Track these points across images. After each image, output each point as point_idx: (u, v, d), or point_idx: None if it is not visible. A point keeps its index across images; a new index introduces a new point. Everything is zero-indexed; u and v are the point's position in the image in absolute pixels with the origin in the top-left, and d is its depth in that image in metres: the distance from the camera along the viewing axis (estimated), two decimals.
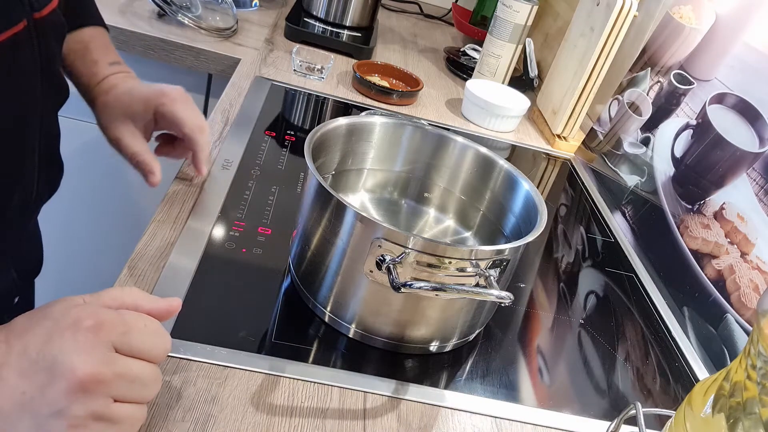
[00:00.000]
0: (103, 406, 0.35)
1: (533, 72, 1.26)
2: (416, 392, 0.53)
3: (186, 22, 1.10)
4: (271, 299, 0.58)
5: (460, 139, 0.68)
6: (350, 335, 0.56)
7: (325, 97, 1.03)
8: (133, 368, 0.36)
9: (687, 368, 0.66)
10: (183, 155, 0.70)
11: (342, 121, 0.63)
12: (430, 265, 0.50)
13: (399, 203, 0.71)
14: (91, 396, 0.34)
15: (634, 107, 0.96)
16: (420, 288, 0.47)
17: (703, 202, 0.76)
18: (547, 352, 0.63)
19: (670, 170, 0.83)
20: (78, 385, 0.34)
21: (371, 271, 0.51)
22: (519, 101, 1.11)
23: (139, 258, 0.58)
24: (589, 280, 0.76)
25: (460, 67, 1.30)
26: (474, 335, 0.61)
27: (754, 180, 0.69)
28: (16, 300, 0.68)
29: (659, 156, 0.87)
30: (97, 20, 0.71)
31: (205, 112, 1.20)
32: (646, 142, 0.91)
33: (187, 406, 0.46)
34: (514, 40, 1.16)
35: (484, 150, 0.67)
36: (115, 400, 0.36)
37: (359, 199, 0.69)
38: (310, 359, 0.53)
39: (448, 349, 0.58)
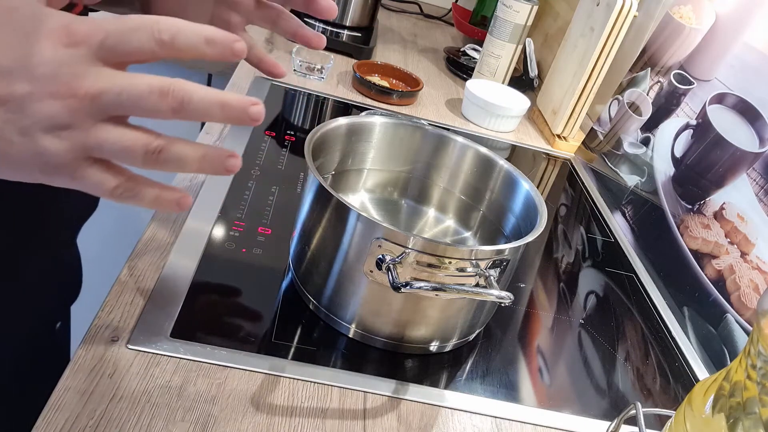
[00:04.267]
0: None
1: (533, 72, 1.26)
2: (416, 392, 0.53)
3: None
4: (271, 299, 0.58)
5: (460, 139, 0.68)
6: (350, 335, 0.56)
7: (325, 97, 1.03)
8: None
9: (687, 368, 0.66)
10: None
11: (342, 121, 0.63)
12: (430, 265, 0.50)
13: (399, 203, 0.71)
14: None
15: (634, 107, 0.96)
16: (420, 288, 0.47)
17: (703, 202, 0.76)
18: (547, 352, 0.63)
19: (670, 170, 0.83)
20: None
21: (371, 271, 0.51)
22: (519, 101, 1.11)
23: (139, 258, 0.58)
24: (589, 280, 0.76)
25: (460, 67, 1.30)
26: (474, 335, 0.61)
27: (754, 180, 0.69)
28: (58, 325, 0.67)
29: (659, 156, 0.87)
30: None
31: None
32: (646, 142, 0.91)
33: (187, 406, 0.46)
34: (514, 40, 1.16)
35: (484, 150, 0.67)
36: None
37: (359, 199, 0.69)
38: (310, 359, 0.53)
39: (448, 349, 0.58)
